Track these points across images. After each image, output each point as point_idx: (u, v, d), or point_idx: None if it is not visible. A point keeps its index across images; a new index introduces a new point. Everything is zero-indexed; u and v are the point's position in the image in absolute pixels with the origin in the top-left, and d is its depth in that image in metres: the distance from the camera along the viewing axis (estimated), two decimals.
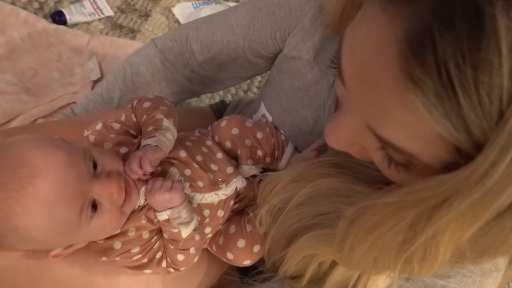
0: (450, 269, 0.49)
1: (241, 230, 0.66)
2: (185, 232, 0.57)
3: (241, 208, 0.69)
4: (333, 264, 0.54)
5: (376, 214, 0.41)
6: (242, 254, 0.65)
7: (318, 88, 0.64)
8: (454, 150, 0.33)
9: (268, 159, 0.69)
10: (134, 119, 0.65)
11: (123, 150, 0.62)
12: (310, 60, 0.65)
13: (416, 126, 0.33)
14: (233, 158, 0.69)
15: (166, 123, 0.62)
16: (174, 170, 0.61)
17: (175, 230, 0.57)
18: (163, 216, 0.57)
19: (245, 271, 0.74)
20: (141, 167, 0.56)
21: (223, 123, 0.70)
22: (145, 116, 0.63)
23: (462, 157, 0.33)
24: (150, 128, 0.61)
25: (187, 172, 0.62)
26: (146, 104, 0.64)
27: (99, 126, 0.64)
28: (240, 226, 0.66)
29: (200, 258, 0.70)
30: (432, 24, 0.29)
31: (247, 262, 0.66)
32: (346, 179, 0.54)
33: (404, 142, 0.35)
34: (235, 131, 0.68)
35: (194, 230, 0.58)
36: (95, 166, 0.55)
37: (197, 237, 0.59)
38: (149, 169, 0.56)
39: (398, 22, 0.31)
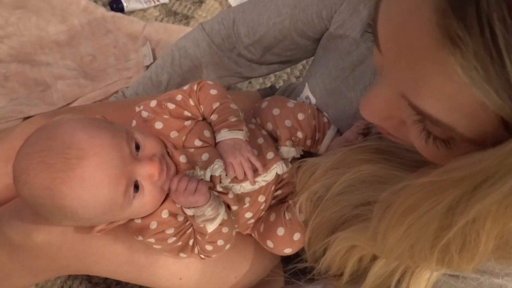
0: (507, 265, 0.44)
1: (280, 218, 0.65)
2: (210, 227, 0.57)
3: (284, 195, 0.68)
4: (373, 259, 0.52)
5: (411, 196, 0.37)
6: (282, 242, 0.64)
7: (364, 68, 0.61)
8: (497, 122, 0.29)
9: (308, 142, 0.67)
10: (192, 103, 0.64)
11: (174, 134, 0.61)
12: (357, 38, 0.62)
13: (455, 94, 0.29)
14: (275, 139, 0.68)
15: (242, 113, 0.63)
16: (196, 171, 0.60)
17: (201, 226, 0.57)
18: (188, 212, 0.57)
19: (287, 261, 0.73)
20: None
21: (264, 104, 0.69)
22: (217, 103, 0.63)
23: (507, 130, 0.29)
24: (233, 119, 0.61)
25: (219, 162, 0.61)
26: (213, 91, 0.64)
27: (153, 103, 0.64)
28: (280, 214, 0.65)
29: (242, 243, 0.69)
30: None
31: (288, 251, 0.65)
32: (388, 165, 0.51)
33: (442, 113, 0.31)
34: (276, 111, 0.67)
35: (220, 224, 0.58)
36: (137, 147, 0.55)
37: (224, 230, 0.59)
38: (251, 172, 0.60)
39: None
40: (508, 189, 0.29)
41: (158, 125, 0.62)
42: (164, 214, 0.58)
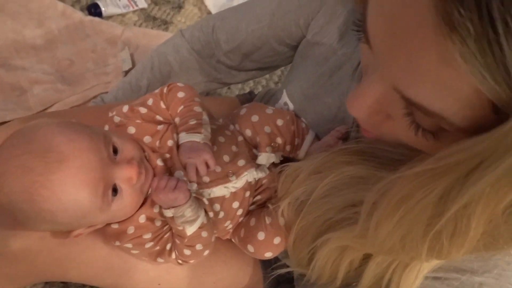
0: (486, 263, 0.46)
1: (261, 223, 0.65)
2: (190, 230, 0.58)
3: (264, 200, 0.68)
4: (364, 261, 0.52)
5: (405, 187, 0.38)
6: (263, 246, 0.65)
7: (342, 73, 0.63)
8: (489, 108, 0.30)
9: (288, 147, 0.68)
10: (163, 106, 0.64)
11: (147, 139, 0.62)
12: (334, 44, 0.64)
13: (450, 81, 0.30)
14: (254, 146, 0.69)
15: (205, 116, 0.63)
16: (179, 174, 0.60)
17: (180, 228, 0.57)
18: (168, 213, 0.57)
19: (268, 266, 0.74)
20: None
21: (243, 111, 0.70)
22: (182, 107, 0.63)
23: (497, 116, 0.30)
24: (193, 122, 0.61)
25: None
26: (181, 94, 0.64)
27: (125, 108, 0.64)
28: (260, 219, 0.66)
29: (222, 248, 0.70)
30: None
31: (268, 255, 0.66)
32: (369, 166, 0.52)
33: (435, 102, 0.32)
34: (254, 118, 0.68)
35: (200, 227, 0.58)
36: (115, 151, 0.56)
37: (204, 234, 0.59)
38: (205, 171, 0.59)
39: None
40: (500, 172, 0.30)
41: (131, 130, 0.62)
42: (142, 219, 0.58)
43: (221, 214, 0.63)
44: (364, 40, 0.38)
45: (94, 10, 1.39)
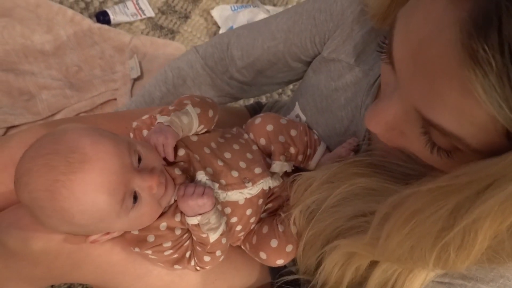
0: (491, 272, 0.48)
1: (273, 230, 0.66)
2: (213, 237, 0.59)
3: (275, 208, 0.70)
4: (370, 267, 0.54)
5: (418, 201, 0.40)
6: (275, 253, 0.66)
7: (357, 88, 0.65)
8: (504, 134, 0.33)
9: (300, 157, 0.70)
10: None
11: None
12: (351, 62, 0.65)
13: (469, 108, 0.33)
14: (267, 155, 0.70)
15: (189, 108, 0.64)
16: (200, 175, 0.61)
17: (204, 235, 0.58)
18: (193, 221, 0.58)
19: (276, 272, 0.74)
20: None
21: (258, 120, 0.71)
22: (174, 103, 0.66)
23: (510, 142, 0.33)
24: (171, 108, 0.64)
25: (209, 170, 0.63)
26: (185, 95, 0.67)
27: (146, 116, 0.66)
28: (273, 226, 0.67)
29: (233, 255, 0.71)
30: (501, 0, 0.29)
31: (280, 262, 0.67)
32: (381, 179, 0.54)
33: (454, 125, 0.35)
34: (269, 127, 0.69)
35: (221, 234, 0.59)
36: (139, 159, 0.57)
37: (223, 241, 0.61)
38: (161, 152, 0.59)
39: (460, 3, 0.31)
40: (509, 193, 0.33)
41: (145, 133, 0.64)
42: (162, 227, 0.59)
43: (234, 219, 0.64)
44: (387, 61, 0.41)
45: (102, 18, 1.40)
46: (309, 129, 0.71)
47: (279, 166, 0.68)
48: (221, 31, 1.55)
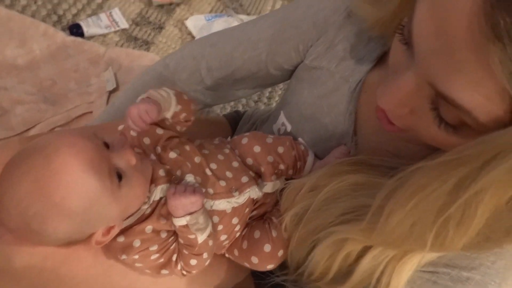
0: (473, 261, 0.50)
1: (267, 235, 0.67)
2: (201, 237, 0.59)
3: (260, 215, 0.70)
4: (359, 258, 0.55)
5: (423, 176, 0.42)
6: (267, 258, 0.66)
7: (339, 95, 0.66)
8: (509, 108, 0.36)
9: (290, 171, 0.70)
10: None
11: (146, 140, 0.64)
12: (331, 69, 0.67)
13: (484, 81, 0.35)
14: (255, 173, 0.70)
15: (165, 88, 0.65)
16: (189, 177, 0.62)
17: (192, 236, 0.58)
18: (181, 221, 0.58)
19: (260, 276, 0.75)
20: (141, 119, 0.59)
21: (245, 140, 0.71)
22: None
23: None
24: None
25: (198, 179, 0.63)
26: None
27: (121, 126, 0.66)
28: (266, 231, 0.67)
29: (217, 263, 0.71)
30: None
31: (270, 266, 0.67)
32: (369, 174, 0.56)
33: (466, 98, 0.37)
34: (257, 149, 0.69)
35: (208, 236, 0.60)
36: (107, 145, 0.57)
37: (210, 243, 0.61)
38: (147, 119, 0.58)
39: None
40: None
41: (133, 133, 0.64)
42: (148, 230, 0.59)
43: (220, 227, 0.65)
44: (403, 41, 0.44)
45: (76, 30, 1.40)
46: (295, 142, 0.72)
47: (271, 186, 0.68)
48: None
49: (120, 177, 0.55)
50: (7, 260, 0.57)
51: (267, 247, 0.66)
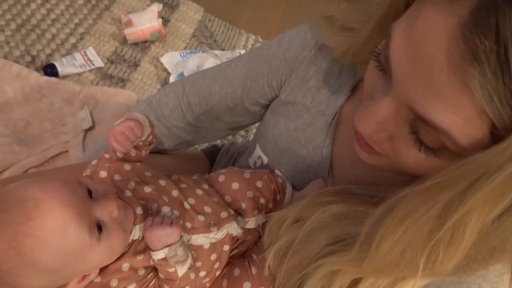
0: (460, 285, 0.51)
1: (246, 273, 0.66)
2: (181, 270, 0.58)
3: (241, 253, 0.70)
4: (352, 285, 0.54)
5: (411, 202, 0.43)
6: None
7: (315, 128, 0.68)
8: (488, 129, 0.37)
9: (270, 205, 0.70)
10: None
11: (117, 177, 0.63)
12: (307, 103, 0.69)
13: (463, 104, 0.36)
14: (234, 210, 0.69)
15: (135, 112, 0.65)
16: (166, 209, 0.62)
17: (172, 270, 0.58)
18: (160, 255, 0.57)
19: None
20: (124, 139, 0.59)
21: (221, 177, 0.71)
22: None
23: (493, 138, 0.37)
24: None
25: (176, 212, 0.63)
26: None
27: (94, 161, 0.66)
28: (245, 268, 0.67)
29: None
30: (498, 2, 0.33)
31: None
32: (351, 203, 0.56)
33: (445, 121, 0.38)
34: (235, 185, 0.69)
35: (189, 268, 0.59)
36: (90, 193, 0.56)
37: (192, 276, 0.60)
38: (132, 136, 0.59)
39: (458, 10, 0.35)
40: (498, 181, 0.36)
41: (103, 173, 0.63)
42: (125, 268, 0.58)
43: (198, 263, 0.64)
44: (379, 68, 0.45)
45: (50, 70, 1.39)
46: (273, 175, 0.73)
47: (253, 221, 0.68)
48: (171, 77, 1.57)
49: (100, 228, 0.54)
50: None
51: (247, 285, 0.65)
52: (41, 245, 0.49)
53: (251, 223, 0.68)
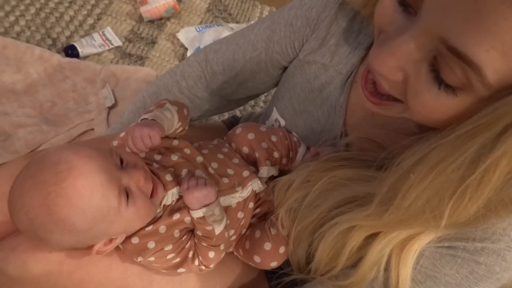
0: (485, 231, 0.51)
1: (266, 234, 0.68)
2: (218, 229, 0.61)
3: (263, 213, 0.72)
4: (365, 244, 0.55)
5: (443, 150, 0.43)
6: (269, 256, 0.68)
7: (331, 88, 0.68)
8: None
9: (284, 160, 0.72)
10: None
11: (142, 154, 0.65)
12: (326, 63, 0.69)
13: (504, 35, 0.35)
14: (252, 162, 0.72)
15: (168, 105, 0.67)
16: (198, 172, 0.64)
17: (209, 228, 0.60)
18: (198, 213, 0.60)
19: (272, 274, 0.76)
20: (142, 142, 0.60)
21: (238, 130, 0.74)
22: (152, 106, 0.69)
23: None
24: (152, 107, 0.66)
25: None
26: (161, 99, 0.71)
27: (122, 134, 0.68)
28: (265, 230, 0.69)
29: (229, 260, 0.72)
30: None
31: (274, 264, 0.69)
32: (356, 167, 0.57)
33: (481, 54, 0.37)
34: (251, 136, 0.72)
35: (225, 227, 0.62)
36: (121, 162, 0.59)
37: (226, 234, 0.63)
38: (149, 144, 0.60)
39: None
40: None
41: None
42: (162, 230, 0.61)
43: (227, 222, 0.67)
44: (402, 2, 0.43)
45: (71, 52, 1.42)
46: (288, 133, 0.74)
47: (266, 171, 0.71)
48: (188, 53, 1.59)
49: (128, 196, 0.57)
50: (25, 267, 0.58)
51: (267, 245, 0.67)
52: (70, 205, 0.52)
53: (263, 171, 0.70)
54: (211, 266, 0.64)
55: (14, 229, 0.62)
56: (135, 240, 0.61)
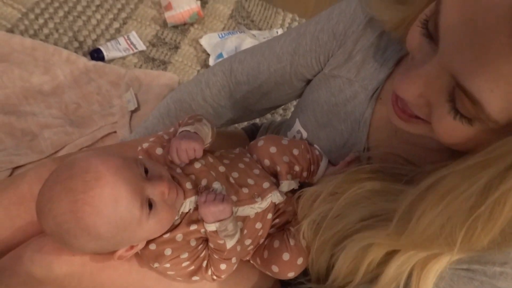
0: (504, 255, 0.51)
1: (285, 244, 0.69)
2: (230, 243, 0.62)
3: (282, 223, 0.73)
4: (383, 260, 0.56)
5: (454, 179, 0.44)
6: (287, 266, 0.69)
7: (356, 102, 0.69)
8: None
9: (305, 174, 0.73)
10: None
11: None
12: (351, 78, 0.70)
13: (505, 76, 0.37)
14: (272, 174, 0.73)
15: (205, 121, 0.69)
16: (216, 185, 0.65)
17: (221, 242, 0.61)
18: (211, 227, 0.61)
19: (286, 284, 0.77)
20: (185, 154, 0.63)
21: (260, 142, 0.74)
22: (187, 118, 0.71)
23: None
24: (190, 120, 0.68)
25: (223, 187, 0.66)
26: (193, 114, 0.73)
27: (152, 138, 0.71)
28: (284, 240, 0.70)
29: (245, 268, 0.74)
30: None
31: (291, 274, 0.70)
32: (383, 180, 0.58)
33: (484, 93, 0.39)
34: (273, 149, 0.73)
35: (237, 242, 0.63)
36: (146, 171, 0.61)
37: (238, 248, 0.64)
38: (192, 156, 0.63)
39: None
40: None
41: (159, 150, 0.68)
42: (178, 238, 0.62)
43: (244, 232, 0.68)
44: (426, 34, 0.46)
45: (96, 55, 1.46)
46: (310, 146, 0.75)
47: (287, 185, 0.71)
48: (210, 59, 1.61)
49: (151, 206, 0.59)
50: (49, 268, 0.61)
51: (286, 256, 0.68)
52: (96, 213, 0.55)
53: (284, 185, 0.71)
54: (223, 276, 0.65)
55: (41, 230, 0.64)
56: (152, 246, 0.63)
